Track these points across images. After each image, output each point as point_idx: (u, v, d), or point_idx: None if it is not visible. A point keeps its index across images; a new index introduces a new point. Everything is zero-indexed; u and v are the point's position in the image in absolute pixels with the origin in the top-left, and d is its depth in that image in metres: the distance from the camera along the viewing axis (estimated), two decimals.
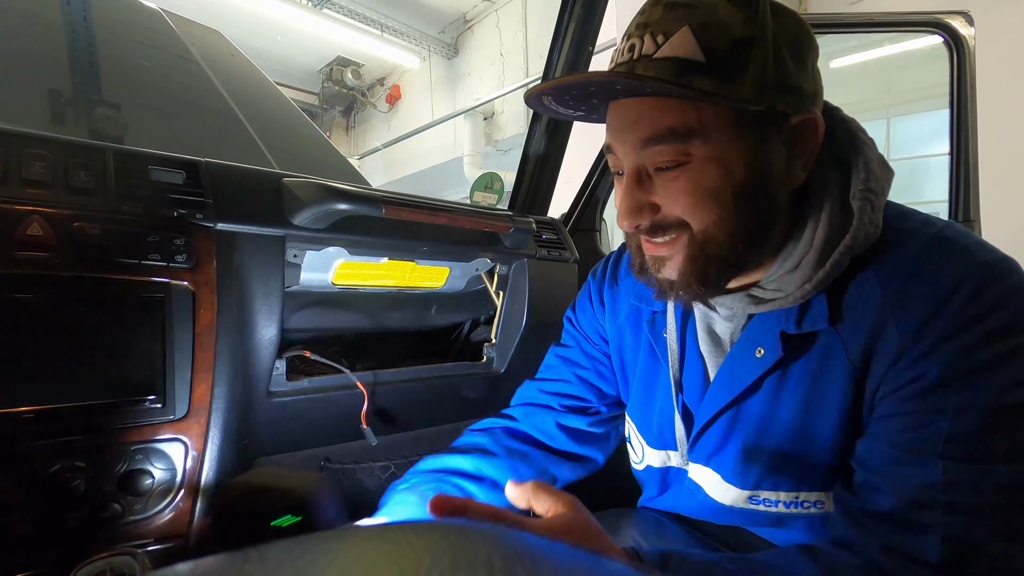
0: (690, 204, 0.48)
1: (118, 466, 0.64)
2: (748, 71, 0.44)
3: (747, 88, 0.44)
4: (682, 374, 0.61)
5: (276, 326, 0.78)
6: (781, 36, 0.45)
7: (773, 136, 0.47)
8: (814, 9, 3.14)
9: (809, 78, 0.47)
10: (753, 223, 0.48)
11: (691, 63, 0.44)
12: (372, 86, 7.37)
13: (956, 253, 0.44)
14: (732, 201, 0.47)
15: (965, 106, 1.18)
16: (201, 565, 0.18)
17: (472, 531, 0.17)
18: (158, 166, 0.69)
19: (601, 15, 1.26)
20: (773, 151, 0.47)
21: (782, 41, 0.45)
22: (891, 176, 0.50)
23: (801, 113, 0.46)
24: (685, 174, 0.47)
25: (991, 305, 0.41)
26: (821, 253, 0.48)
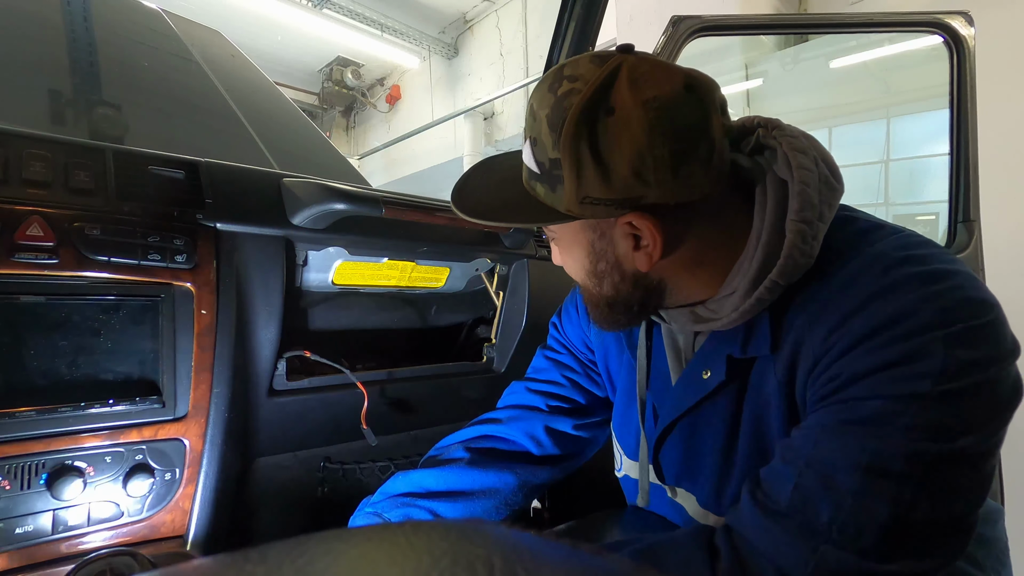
0: (567, 268, 0.58)
1: (118, 466, 0.64)
2: (565, 183, 0.47)
3: (566, 199, 0.48)
4: (649, 386, 0.63)
5: (276, 326, 0.78)
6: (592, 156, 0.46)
7: (608, 232, 0.52)
8: (814, 9, 3.14)
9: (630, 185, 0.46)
10: (614, 292, 0.55)
11: (531, 171, 0.51)
12: (372, 86, 7.37)
13: (886, 269, 0.45)
14: (588, 276, 0.55)
15: (965, 106, 1.18)
16: (201, 565, 0.18)
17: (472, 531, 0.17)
18: (158, 166, 0.69)
19: (601, 15, 1.26)
20: (614, 242, 0.52)
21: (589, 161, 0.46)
22: (836, 195, 0.50)
23: (624, 218, 0.49)
24: (557, 246, 0.59)
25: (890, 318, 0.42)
26: (753, 281, 0.49)
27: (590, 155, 0.46)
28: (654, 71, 0.46)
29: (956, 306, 0.41)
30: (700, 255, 0.52)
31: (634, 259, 0.52)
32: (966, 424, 0.40)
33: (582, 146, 0.46)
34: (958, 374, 0.40)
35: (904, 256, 0.45)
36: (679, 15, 1.22)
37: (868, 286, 0.44)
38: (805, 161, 0.49)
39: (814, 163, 0.49)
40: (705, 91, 0.47)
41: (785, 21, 2.12)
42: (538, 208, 0.51)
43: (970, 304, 0.42)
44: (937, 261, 0.44)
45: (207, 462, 0.70)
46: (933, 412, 0.40)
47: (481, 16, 5.77)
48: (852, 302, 0.44)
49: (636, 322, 0.59)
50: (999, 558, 0.59)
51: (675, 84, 0.45)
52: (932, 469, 0.39)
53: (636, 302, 0.55)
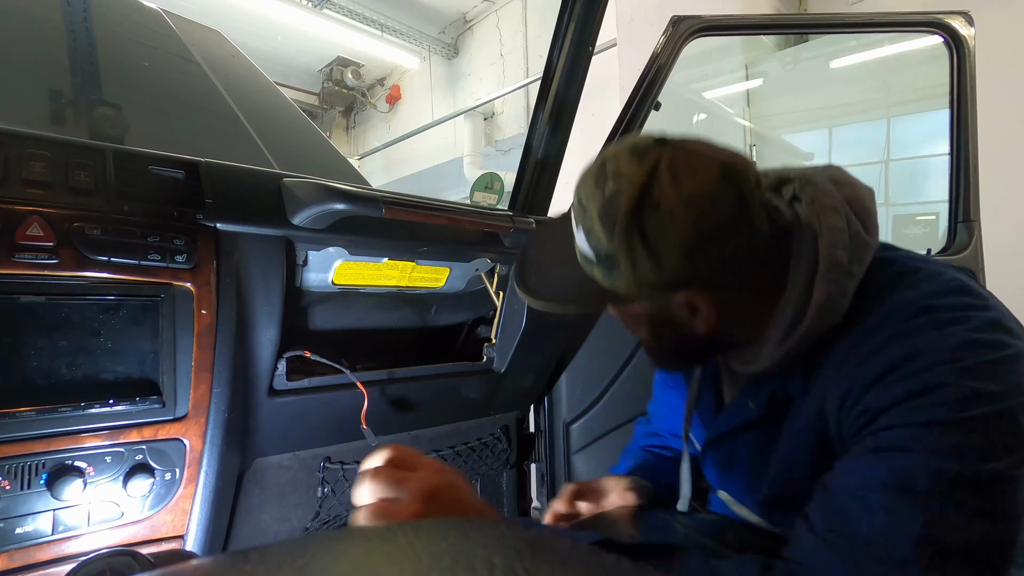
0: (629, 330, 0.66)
1: (118, 466, 0.64)
2: (621, 271, 0.53)
3: (623, 284, 0.53)
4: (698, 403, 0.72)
5: (276, 326, 0.78)
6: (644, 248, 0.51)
7: (664, 308, 0.58)
8: (814, 9, 3.14)
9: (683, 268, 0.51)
10: (675, 347, 0.62)
11: (587, 257, 0.56)
12: (372, 86, 7.37)
13: (906, 318, 0.48)
14: (651, 337, 0.63)
15: (965, 106, 1.18)
16: (201, 565, 0.18)
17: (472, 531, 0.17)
18: (158, 166, 0.69)
19: (601, 15, 1.26)
20: (672, 313, 0.58)
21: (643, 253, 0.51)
22: (868, 248, 0.53)
23: (681, 295, 0.55)
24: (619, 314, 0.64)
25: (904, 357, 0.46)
26: (784, 332, 0.54)
27: (642, 247, 0.51)
28: (691, 163, 0.50)
29: (967, 344, 0.45)
30: (749, 309, 0.57)
31: (693, 325, 0.58)
32: (990, 448, 0.42)
33: (634, 241, 0.50)
34: (974, 403, 0.42)
35: (926, 305, 0.48)
36: (679, 15, 1.22)
37: (888, 331, 0.48)
38: (835, 220, 0.53)
39: (845, 220, 0.53)
40: (740, 177, 0.50)
41: (785, 21, 2.12)
42: (599, 291, 0.56)
43: (981, 343, 0.45)
44: (958, 309, 0.47)
45: (207, 462, 0.70)
46: (954, 436, 0.42)
47: (481, 16, 5.77)
48: (871, 346, 0.49)
49: (694, 367, 0.70)
50: None
51: (712, 174, 0.50)
52: (959, 488, 0.41)
53: (694, 354, 0.64)
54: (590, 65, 1.30)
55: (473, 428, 1.13)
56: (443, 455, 1.06)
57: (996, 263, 1.34)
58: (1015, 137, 2.22)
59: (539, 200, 1.36)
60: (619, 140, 0.56)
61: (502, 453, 1.18)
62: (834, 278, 0.51)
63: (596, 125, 0.98)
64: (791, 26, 2.25)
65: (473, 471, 1.14)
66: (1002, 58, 2.23)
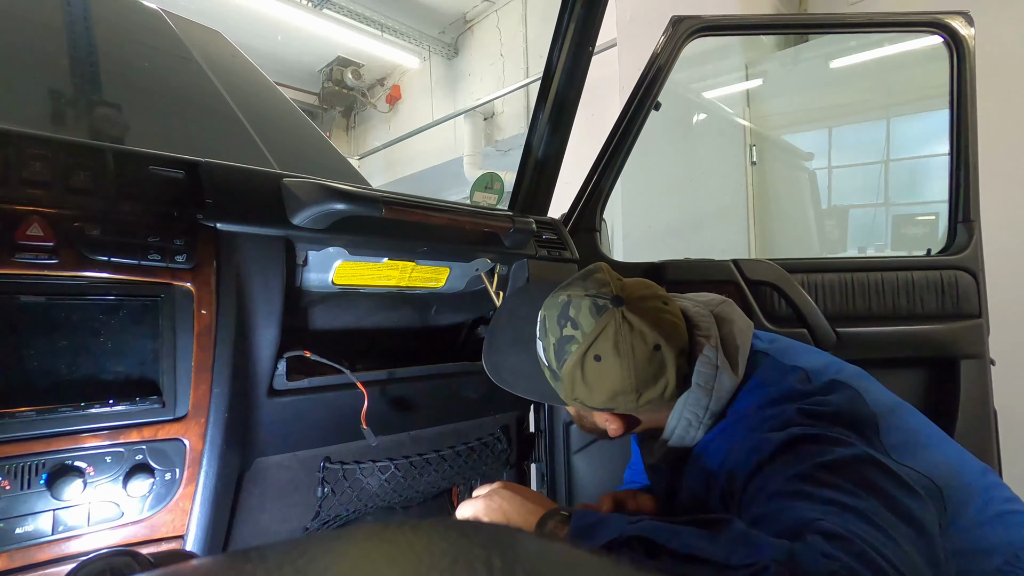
0: None
1: (118, 466, 0.64)
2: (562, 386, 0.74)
3: (561, 392, 0.75)
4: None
5: (276, 326, 0.78)
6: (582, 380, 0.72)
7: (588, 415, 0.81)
8: (814, 9, 3.14)
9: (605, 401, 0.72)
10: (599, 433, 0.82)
11: (541, 360, 0.77)
12: (372, 86, 7.36)
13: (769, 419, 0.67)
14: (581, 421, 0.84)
15: (965, 106, 1.18)
16: (201, 565, 0.18)
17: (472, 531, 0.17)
18: (158, 166, 0.69)
19: (601, 15, 1.26)
20: (592, 419, 0.80)
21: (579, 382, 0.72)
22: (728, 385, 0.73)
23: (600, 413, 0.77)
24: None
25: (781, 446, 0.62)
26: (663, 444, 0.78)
27: (581, 380, 0.71)
28: (634, 330, 0.68)
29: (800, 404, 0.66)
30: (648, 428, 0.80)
31: (608, 430, 0.79)
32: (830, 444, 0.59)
33: (576, 375, 0.71)
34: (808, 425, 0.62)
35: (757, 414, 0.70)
36: (679, 15, 1.23)
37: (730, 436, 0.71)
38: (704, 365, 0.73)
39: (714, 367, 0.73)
40: (669, 351, 0.69)
41: (785, 21, 2.12)
42: (544, 387, 0.77)
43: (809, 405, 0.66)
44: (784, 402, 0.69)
45: (207, 462, 0.70)
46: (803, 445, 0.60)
47: (481, 16, 5.77)
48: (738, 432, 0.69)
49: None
50: None
51: (647, 349, 0.69)
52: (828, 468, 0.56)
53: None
54: (590, 65, 1.30)
55: (473, 428, 1.13)
56: (443, 455, 1.06)
57: (996, 263, 1.34)
58: (1015, 137, 2.22)
59: (539, 200, 1.37)
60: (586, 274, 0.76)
61: (502, 453, 1.18)
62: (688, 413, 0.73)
63: (596, 125, 0.98)
64: (791, 26, 2.25)
65: (473, 471, 1.13)
66: (1002, 58, 2.23)
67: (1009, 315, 0.52)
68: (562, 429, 1.30)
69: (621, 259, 1.36)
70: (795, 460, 0.59)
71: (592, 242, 1.34)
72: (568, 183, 1.42)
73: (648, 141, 1.38)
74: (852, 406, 0.67)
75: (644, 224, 3.07)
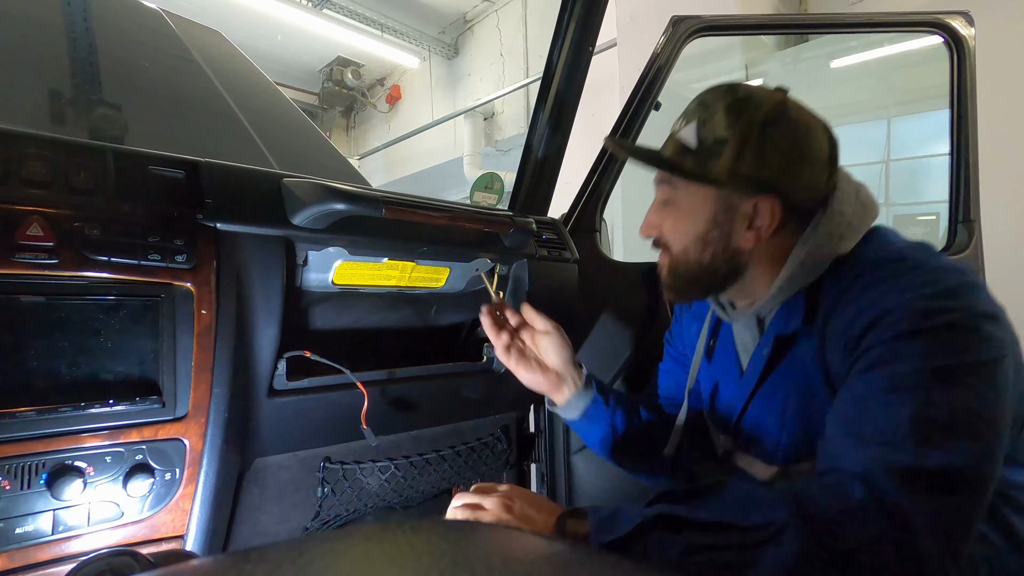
0: (671, 234, 0.72)
1: (118, 466, 0.64)
2: (720, 161, 0.64)
3: (718, 171, 0.64)
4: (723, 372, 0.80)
5: (276, 326, 0.78)
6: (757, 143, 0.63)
7: (734, 207, 0.67)
8: (814, 9, 3.14)
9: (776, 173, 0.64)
10: (708, 265, 0.70)
11: (686, 147, 0.67)
12: (372, 86, 7.37)
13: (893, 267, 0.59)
14: (695, 241, 0.69)
15: (965, 106, 1.18)
16: (201, 565, 0.18)
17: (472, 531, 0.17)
18: (158, 166, 0.69)
19: (601, 15, 1.26)
20: (734, 218, 0.67)
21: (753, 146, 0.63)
22: (868, 215, 0.67)
23: (754, 199, 0.65)
24: (672, 213, 0.72)
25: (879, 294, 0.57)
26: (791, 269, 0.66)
27: (756, 143, 0.63)
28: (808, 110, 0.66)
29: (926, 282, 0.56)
30: (780, 252, 0.68)
31: (743, 236, 0.67)
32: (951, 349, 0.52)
33: (752, 135, 0.63)
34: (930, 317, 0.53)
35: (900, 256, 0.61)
36: (679, 15, 1.23)
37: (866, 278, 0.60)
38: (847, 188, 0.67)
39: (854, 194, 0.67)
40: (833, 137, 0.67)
41: (785, 21, 2.12)
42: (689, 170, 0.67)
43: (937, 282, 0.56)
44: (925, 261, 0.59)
45: (207, 462, 0.70)
46: (919, 343, 0.53)
47: (481, 16, 5.77)
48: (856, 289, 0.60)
49: (703, 297, 0.75)
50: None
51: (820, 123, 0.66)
52: (936, 378, 0.51)
53: (719, 276, 0.70)
54: (590, 65, 1.30)
55: (473, 428, 1.13)
56: (443, 455, 1.06)
57: (996, 263, 1.34)
58: (1015, 137, 2.22)
59: (539, 200, 1.37)
60: None
61: (502, 453, 1.18)
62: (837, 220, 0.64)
63: (596, 125, 0.98)
64: (791, 26, 2.25)
65: (473, 471, 1.13)
66: (1002, 58, 2.23)
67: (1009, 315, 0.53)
68: (562, 429, 1.30)
69: (621, 259, 1.36)
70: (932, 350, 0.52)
71: (592, 242, 1.34)
72: (568, 183, 1.42)
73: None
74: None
75: None
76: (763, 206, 0.65)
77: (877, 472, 0.49)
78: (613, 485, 1.26)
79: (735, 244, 0.68)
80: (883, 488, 0.48)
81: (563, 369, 0.86)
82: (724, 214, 0.67)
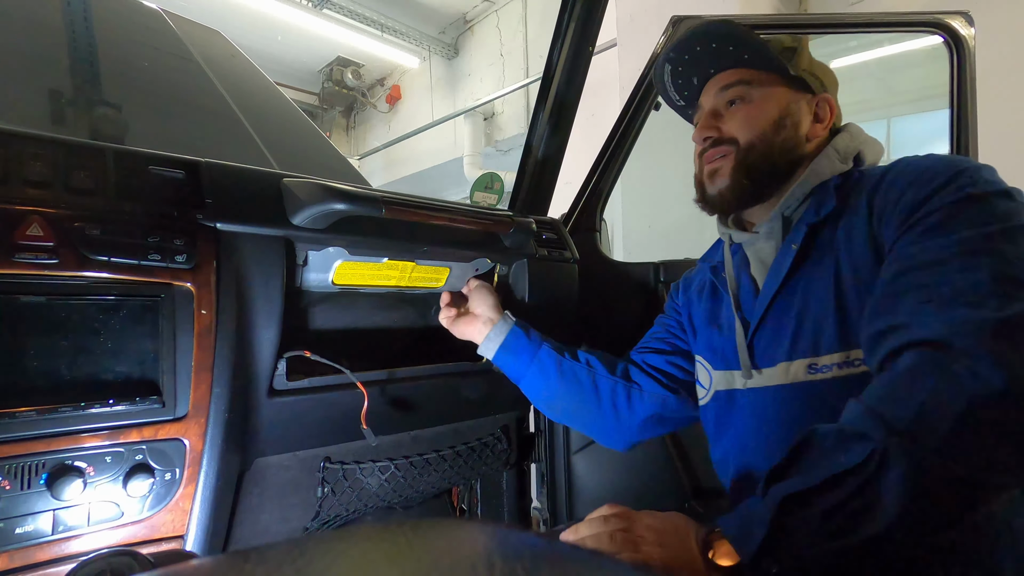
0: (743, 125, 0.76)
1: (118, 466, 0.64)
2: (793, 60, 0.76)
3: (792, 67, 0.75)
4: (740, 295, 0.80)
5: (276, 326, 0.78)
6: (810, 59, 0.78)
7: (802, 101, 0.77)
8: (814, 9, 3.14)
9: (827, 84, 0.79)
10: (780, 148, 0.75)
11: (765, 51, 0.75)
12: (372, 86, 7.37)
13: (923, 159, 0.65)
14: (768, 129, 0.75)
15: (965, 106, 1.18)
16: (201, 565, 0.18)
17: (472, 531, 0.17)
18: (158, 166, 0.69)
19: (601, 15, 1.26)
20: (801, 110, 0.77)
21: (811, 60, 0.78)
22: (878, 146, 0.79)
23: (819, 96, 0.78)
24: (743, 108, 0.77)
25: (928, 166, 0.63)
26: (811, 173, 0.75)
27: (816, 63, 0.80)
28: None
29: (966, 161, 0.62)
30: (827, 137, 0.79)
31: (811, 127, 0.77)
32: (1007, 213, 0.55)
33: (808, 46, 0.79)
34: (992, 183, 0.58)
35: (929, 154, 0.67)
36: (679, 15, 1.22)
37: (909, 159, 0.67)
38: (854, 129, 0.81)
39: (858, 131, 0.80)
40: None
41: (785, 21, 2.11)
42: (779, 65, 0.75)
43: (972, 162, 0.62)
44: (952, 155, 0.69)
45: (207, 462, 0.70)
46: (986, 204, 0.56)
47: (481, 16, 5.77)
48: (898, 167, 0.66)
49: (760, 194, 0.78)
50: None
51: None
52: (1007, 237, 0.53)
53: (783, 166, 0.75)
54: (590, 65, 1.30)
55: (473, 428, 1.13)
56: (443, 455, 1.06)
57: None
58: (1015, 137, 2.22)
59: (539, 200, 1.37)
60: None
61: (502, 453, 1.18)
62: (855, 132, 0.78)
63: (596, 125, 0.98)
64: (791, 26, 2.25)
65: (473, 471, 1.13)
66: (1002, 58, 2.23)
67: None
68: (562, 429, 1.30)
69: (621, 259, 1.36)
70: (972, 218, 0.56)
71: (592, 242, 1.34)
72: (568, 183, 1.42)
73: (648, 141, 1.38)
74: None
75: (644, 224, 3.07)
76: (824, 102, 0.77)
77: (964, 332, 0.49)
78: (613, 485, 1.27)
79: (803, 132, 0.76)
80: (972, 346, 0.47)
81: (486, 313, 0.97)
82: (795, 105, 0.76)
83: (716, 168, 0.78)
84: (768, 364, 0.73)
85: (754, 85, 0.76)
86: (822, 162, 0.73)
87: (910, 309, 0.54)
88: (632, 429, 0.94)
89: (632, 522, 0.58)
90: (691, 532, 0.56)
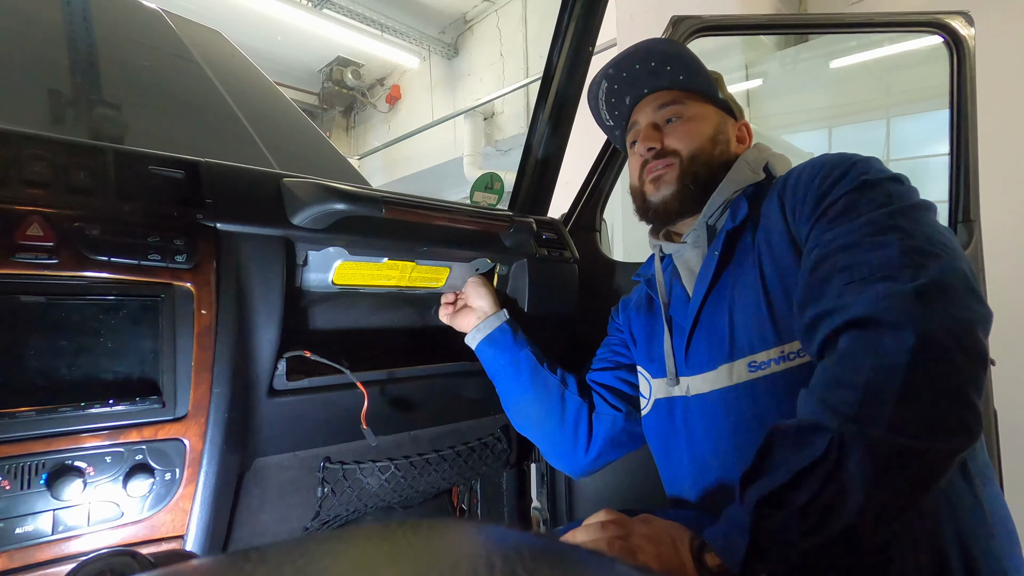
0: (683, 139, 0.83)
1: (118, 466, 0.64)
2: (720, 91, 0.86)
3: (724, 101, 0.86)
4: (671, 302, 0.86)
5: (276, 326, 0.78)
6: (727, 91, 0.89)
7: (728, 122, 0.87)
8: (814, 9, 3.14)
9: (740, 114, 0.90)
10: (717, 160, 0.83)
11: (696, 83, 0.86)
12: (372, 86, 7.37)
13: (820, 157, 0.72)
14: (707, 144, 0.83)
15: (965, 106, 1.18)
16: (201, 565, 0.18)
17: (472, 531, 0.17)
18: (158, 166, 0.69)
19: (601, 15, 1.26)
20: (727, 130, 0.86)
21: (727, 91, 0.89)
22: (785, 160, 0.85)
23: (739, 122, 0.89)
24: (683, 124, 0.84)
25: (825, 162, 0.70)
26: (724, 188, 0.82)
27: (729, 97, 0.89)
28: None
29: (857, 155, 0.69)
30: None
31: (736, 146, 0.86)
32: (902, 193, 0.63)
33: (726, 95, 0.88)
34: (883, 172, 0.65)
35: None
36: (679, 15, 1.22)
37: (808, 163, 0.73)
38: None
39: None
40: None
41: (785, 21, 2.12)
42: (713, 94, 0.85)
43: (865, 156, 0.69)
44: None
45: (207, 462, 0.70)
46: (876, 190, 0.63)
47: (481, 16, 5.77)
48: (801, 167, 0.73)
49: (701, 197, 0.82)
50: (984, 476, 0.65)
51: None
52: (902, 215, 0.59)
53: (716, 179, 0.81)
54: (590, 65, 1.30)
55: (473, 428, 1.13)
56: (443, 455, 1.06)
57: (996, 263, 1.34)
58: (1015, 137, 2.22)
59: (539, 200, 1.36)
60: None
61: (502, 453, 1.18)
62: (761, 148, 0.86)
63: (596, 125, 0.97)
64: (791, 26, 2.25)
65: (473, 471, 1.13)
66: (1002, 58, 2.23)
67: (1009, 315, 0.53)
68: None
69: (621, 259, 1.36)
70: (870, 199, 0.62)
71: (592, 242, 1.34)
72: (568, 183, 1.42)
73: None
74: None
75: (644, 224, 3.06)
76: (744, 127, 0.88)
77: (887, 306, 0.52)
78: (613, 485, 1.26)
79: (732, 150, 0.85)
80: (895, 317, 0.51)
81: (481, 307, 1.01)
82: (724, 125, 0.86)
83: (660, 175, 0.83)
84: (710, 367, 0.75)
85: (689, 104, 0.84)
86: (736, 173, 0.81)
87: (836, 292, 0.57)
88: (590, 455, 0.96)
89: (628, 529, 0.58)
90: (685, 540, 0.56)
